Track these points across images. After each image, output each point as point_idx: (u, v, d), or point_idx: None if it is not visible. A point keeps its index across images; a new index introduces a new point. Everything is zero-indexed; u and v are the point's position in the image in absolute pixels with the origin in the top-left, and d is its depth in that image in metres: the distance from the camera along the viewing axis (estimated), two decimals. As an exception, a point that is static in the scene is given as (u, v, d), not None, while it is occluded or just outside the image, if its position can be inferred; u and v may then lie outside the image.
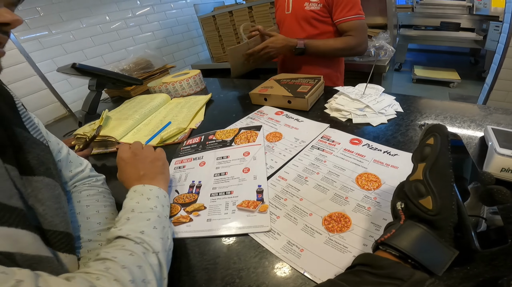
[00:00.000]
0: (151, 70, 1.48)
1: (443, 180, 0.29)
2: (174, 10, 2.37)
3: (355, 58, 1.49)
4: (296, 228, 0.44)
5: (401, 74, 3.88)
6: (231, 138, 0.71)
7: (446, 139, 0.30)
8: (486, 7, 3.11)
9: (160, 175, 0.51)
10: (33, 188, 0.36)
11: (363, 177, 0.51)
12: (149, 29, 2.17)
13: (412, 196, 0.29)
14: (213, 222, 0.48)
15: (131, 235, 0.36)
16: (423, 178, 0.29)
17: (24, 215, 0.31)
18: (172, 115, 0.96)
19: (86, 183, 0.53)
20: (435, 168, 0.29)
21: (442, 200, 0.28)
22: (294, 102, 0.81)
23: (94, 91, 1.09)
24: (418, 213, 0.28)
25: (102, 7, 1.83)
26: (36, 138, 0.41)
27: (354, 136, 0.63)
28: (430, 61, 4.41)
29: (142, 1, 2.10)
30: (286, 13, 1.13)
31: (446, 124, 0.63)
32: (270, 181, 0.55)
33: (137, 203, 0.43)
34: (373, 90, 0.77)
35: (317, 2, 1.03)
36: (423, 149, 0.31)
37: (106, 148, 0.85)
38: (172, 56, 2.40)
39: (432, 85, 3.32)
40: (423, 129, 0.33)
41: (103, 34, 1.85)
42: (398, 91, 3.17)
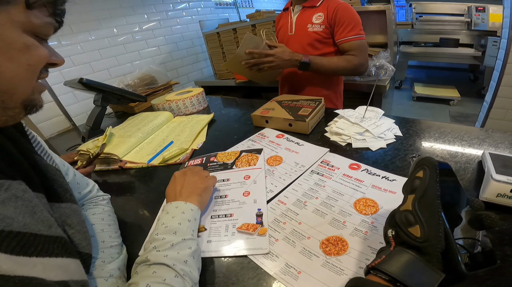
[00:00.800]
0: (155, 86, 1.54)
1: (431, 210, 0.32)
2: (180, 25, 2.47)
3: (355, 78, 1.54)
4: (294, 251, 0.46)
5: (402, 92, 3.95)
6: (232, 161, 0.74)
7: (435, 172, 0.33)
8: (484, 22, 3.21)
9: (196, 196, 0.54)
10: (61, 214, 0.39)
11: (361, 201, 0.54)
12: (155, 44, 2.27)
13: (402, 225, 0.32)
14: (213, 243, 0.50)
15: (177, 266, 0.39)
16: (412, 209, 0.32)
17: (65, 242, 0.34)
18: (175, 135, 1.00)
19: (92, 202, 0.56)
20: (423, 199, 0.32)
21: (429, 228, 0.30)
22: (295, 125, 0.85)
23: (99, 106, 1.14)
24: (407, 240, 0.31)
25: (111, 20, 1.92)
26: (51, 165, 0.44)
27: (353, 161, 0.66)
28: (430, 78, 4.51)
29: (150, 15, 2.20)
30: (289, 34, 1.19)
31: (444, 148, 0.66)
32: (269, 204, 0.58)
33: (179, 224, 0.46)
34: (373, 113, 0.81)
35: (320, 23, 1.09)
36: (413, 182, 0.34)
37: (109, 165, 0.88)
38: (176, 72, 2.48)
39: (433, 103, 3.38)
40: (414, 162, 0.37)
41: (110, 48, 1.93)
42: (398, 109, 3.19)
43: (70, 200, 0.43)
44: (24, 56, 0.30)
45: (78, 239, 0.39)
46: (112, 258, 0.47)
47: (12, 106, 0.31)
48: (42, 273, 0.28)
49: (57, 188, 0.41)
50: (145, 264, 0.39)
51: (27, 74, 0.31)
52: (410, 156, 0.66)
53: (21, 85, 0.31)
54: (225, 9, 3.11)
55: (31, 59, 0.31)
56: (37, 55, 0.31)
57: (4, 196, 0.29)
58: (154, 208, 0.64)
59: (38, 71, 0.33)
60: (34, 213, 0.32)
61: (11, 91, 0.30)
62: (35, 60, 0.31)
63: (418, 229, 0.31)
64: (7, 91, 0.30)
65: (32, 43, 0.31)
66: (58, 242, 0.33)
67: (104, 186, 0.62)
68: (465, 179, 0.56)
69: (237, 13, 3.30)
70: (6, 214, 0.28)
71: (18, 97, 0.31)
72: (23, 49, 0.30)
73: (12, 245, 0.27)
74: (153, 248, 0.41)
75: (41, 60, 0.32)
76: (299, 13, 1.16)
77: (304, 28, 1.13)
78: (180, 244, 0.43)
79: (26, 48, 0.30)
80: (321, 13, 1.09)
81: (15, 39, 0.29)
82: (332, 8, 1.06)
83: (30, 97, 0.33)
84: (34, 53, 0.31)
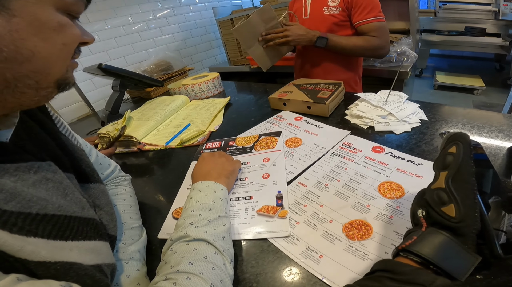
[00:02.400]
0: (171, 72, 1.55)
1: (466, 188, 0.30)
2: (193, 13, 2.46)
3: (375, 63, 1.49)
4: (315, 234, 0.46)
5: (422, 80, 3.81)
6: (251, 145, 0.74)
7: (469, 148, 0.31)
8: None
9: (224, 178, 0.55)
10: (90, 194, 0.40)
11: (386, 185, 0.52)
12: (169, 32, 2.28)
13: (434, 204, 0.31)
14: (232, 226, 0.50)
15: (217, 242, 0.39)
16: (445, 186, 0.31)
17: (97, 224, 0.35)
18: (192, 118, 1.00)
19: (115, 182, 0.58)
20: (457, 176, 0.31)
21: (465, 208, 0.29)
22: (314, 108, 0.83)
23: (117, 91, 1.16)
24: (440, 220, 0.30)
25: (126, 8, 1.94)
26: (77, 145, 0.45)
27: (376, 144, 0.64)
28: (452, 67, 4.32)
29: (163, 3, 2.20)
30: (304, 18, 1.15)
31: (473, 134, 0.63)
32: (289, 186, 0.57)
33: (213, 201, 0.47)
34: (396, 97, 0.78)
35: (336, 6, 1.05)
36: (445, 158, 0.32)
37: (128, 147, 0.90)
38: (191, 59, 2.49)
39: (455, 92, 3.25)
40: (445, 138, 0.35)
41: (125, 36, 1.96)
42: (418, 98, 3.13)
43: (98, 181, 0.44)
44: (59, 36, 0.29)
45: (106, 221, 0.40)
46: (133, 240, 0.47)
47: (45, 86, 0.31)
48: (78, 257, 0.29)
49: (85, 168, 0.42)
50: (183, 240, 0.39)
51: (62, 54, 0.31)
52: (440, 132, 0.63)
53: (56, 65, 0.31)
54: (238, -5, 3.05)
55: (66, 38, 0.30)
56: (72, 34, 0.31)
57: (34, 178, 0.30)
58: (172, 190, 0.64)
59: (72, 51, 0.32)
60: (66, 194, 0.32)
61: (46, 71, 0.30)
62: (70, 39, 0.31)
63: (453, 208, 0.29)
64: (42, 72, 0.29)
65: (67, 22, 0.30)
66: (91, 224, 0.33)
67: (123, 168, 0.64)
68: (495, 165, 0.53)
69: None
70: (39, 195, 0.28)
71: (52, 77, 0.31)
72: (58, 28, 0.29)
73: (48, 228, 0.27)
74: (190, 224, 0.41)
75: (75, 39, 0.32)
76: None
77: (320, 11, 1.09)
78: (216, 221, 0.43)
79: (60, 27, 0.29)
80: None
81: (49, 17, 0.28)
82: None
83: (64, 76, 0.32)
84: (68, 32, 0.30)
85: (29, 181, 0.29)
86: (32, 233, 0.26)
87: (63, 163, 0.37)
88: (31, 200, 0.27)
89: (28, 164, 0.30)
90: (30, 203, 0.27)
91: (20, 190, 0.27)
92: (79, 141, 0.48)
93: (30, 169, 0.30)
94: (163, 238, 0.52)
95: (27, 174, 0.29)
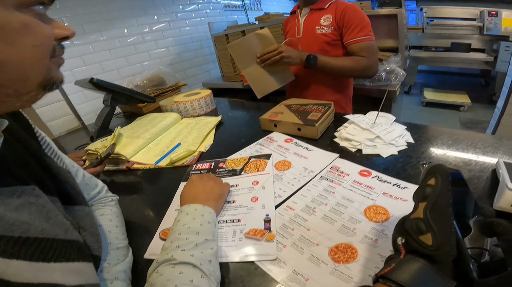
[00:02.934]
0: (164, 87, 1.57)
1: (443, 218, 0.32)
2: (189, 27, 2.52)
3: (365, 82, 1.54)
4: (302, 258, 0.46)
5: (411, 97, 3.96)
6: (241, 167, 0.75)
7: (447, 180, 0.33)
8: (496, 27, 3.21)
9: (212, 201, 0.55)
10: (74, 216, 0.40)
11: (372, 209, 0.54)
12: (164, 45, 2.31)
13: (412, 233, 0.32)
14: (220, 249, 0.51)
15: (203, 265, 0.40)
16: (423, 217, 0.32)
17: (81, 246, 0.35)
18: (182, 137, 1.01)
19: (101, 202, 0.57)
20: (435, 207, 0.32)
21: (441, 237, 0.30)
22: (304, 130, 0.85)
23: (108, 106, 1.17)
24: (418, 248, 0.31)
25: (122, 21, 1.97)
26: (62, 167, 0.44)
27: (364, 167, 0.66)
28: (440, 83, 4.50)
29: (160, 16, 2.25)
30: (297, 37, 1.19)
31: (458, 156, 0.66)
32: (278, 210, 0.58)
33: (201, 225, 0.47)
34: (384, 119, 0.81)
35: (328, 25, 1.10)
36: (424, 189, 0.34)
37: (116, 165, 0.90)
38: (185, 73, 2.52)
39: (442, 108, 3.37)
40: (424, 170, 0.37)
41: (120, 48, 1.98)
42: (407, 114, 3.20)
43: (83, 203, 0.44)
44: (26, 37, 0.27)
45: (91, 242, 0.40)
46: (118, 260, 0.47)
47: (26, 92, 0.29)
48: (61, 278, 0.29)
49: (70, 191, 0.42)
50: (169, 263, 0.39)
51: (36, 56, 0.28)
52: (420, 163, 0.65)
53: (33, 69, 0.29)
54: (234, 11, 3.15)
55: (35, 39, 0.28)
56: (40, 33, 0.28)
57: (17, 202, 0.30)
58: (160, 211, 0.64)
59: (48, 50, 0.30)
60: (49, 218, 0.32)
61: (23, 78, 0.28)
62: (40, 39, 0.28)
63: (430, 237, 0.31)
64: (18, 79, 0.27)
65: (30, 21, 0.27)
66: (75, 246, 0.33)
67: (111, 186, 0.64)
68: (478, 187, 0.55)
69: (246, 16, 3.33)
70: (22, 219, 0.28)
71: (32, 82, 0.29)
72: (22, 29, 0.26)
73: (31, 251, 0.27)
74: (177, 247, 0.41)
75: (47, 38, 0.29)
76: (307, 16, 1.17)
77: (312, 30, 1.14)
78: (203, 244, 0.44)
79: (25, 27, 0.27)
80: (329, 15, 1.10)
81: (8, 19, 0.25)
82: (340, 10, 1.07)
83: (47, 77, 0.30)
84: (36, 31, 0.28)
85: (12, 205, 0.29)
86: (14, 256, 0.26)
87: (47, 186, 0.37)
88: (14, 223, 0.27)
89: (11, 188, 0.30)
90: (13, 227, 0.27)
91: (3, 214, 0.27)
92: (65, 163, 0.48)
93: (14, 193, 0.30)
94: (149, 258, 0.52)
95: (10, 198, 0.29)
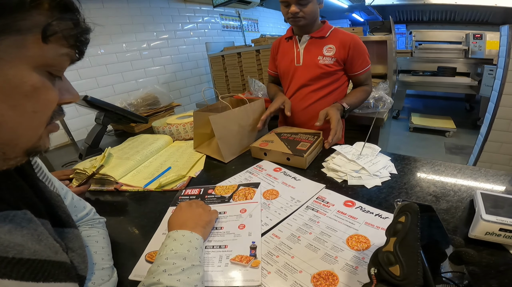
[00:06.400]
0: (157, 107, 1.62)
1: (411, 251, 0.37)
2: (186, 46, 2.61)
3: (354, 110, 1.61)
4: (285, 284, 0.50)
5: (399, 122, 4.13)
6: (229, 195, 0.79)
7: (416, 218, 0.39)
8: (481, 49, 3.41)
9: (200, 228, 0.59)
10: (63, 238, 0.43)
11: (354, 238, 0.58)
12: (161, 63, 2.39)
13: (383, 264, 0.37)
14: (206, 273, 0.54)
15: None
16: (393, 250, 0.37)
17: (69, 267, 0.38)
18: (173, 160, 1.05)
19: (88, 224, 0.61)
20: (404, 242, 0.38)
21: (408, 268, 0.35)
22: (293, 160, 0.91)
23: (100, 124, 1.20)
24: (387, 278, 0.36)
25: (122, 36, 2.04)
26: (53, 191, 0.48)
27: (348, 198, 0.71)
28: (427, 107, 4.71)
29: (159, 34, 2.34)
30: (296, 65, 1.23)
31: (437, 187, 0.72)
32: (264, 237, 0.62)
33: (188, 251, 0.51)
34: (370, 150, 0.87)
35: (331, 56, 1.15)
36: (396, 225, 0.40)
37: (103, 185, 0.92)
38: (179, 92, 2.59)
39: (429, 134, 3.54)
40: (397, 208, 0.43)
41: (117, 63, 2.04)
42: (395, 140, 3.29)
43: (72, 225, 0.47)
44: (30, 102, 0.27)
45: (77, 262, 0.43)
46: (103, 280, 0.50)
47: (13, 157, 0.29)
48: None
49: (61, 214, 0.46)
50: (155, 286, 0.42)
51: (33, 123, 0.29)
52: (395, 200, 0.71)
53: (25, 135, 0.29)
54: (232, 32, 3.30)
55: (38, 105, 0.28)
56: (46, 99, 0.28)
57: (10, 226, 0.32)
58: (146, 233, 0.67)
59: (46, 118, 0.30)
60: (40, 240, 0.35)
61: (13, 143, 0.28)
62: (42, 106, 0.28)
63: (398, 269, 0.36)
64: (8, 143, 0.27)
65: (42, 84, 0.27)
66: (63, 267, 0.36)
67: (98, 206, 0.66)
68: (456, 217, 0.61)
69: (243, 37, 3.49)
70: (16, 241, 0.31)
71: (20, 148, 0.29)
72: (30, 93, 0.26)
73: (22, 271, 0.30)
74: (163, 271, 0.44)
75: (50, 105, 0.30)
76: (307, 44, 1.19)
77: (314, 60, 1.17)
78: (190, 270, 0.47)
79: (33, 91, 0.27)
80: (332, 45, 1.15)
81: (23, 80, 0.25)
82: (346, 44, 1.13)
83: (35, 145, 0.31)
84: (42, 97, 0.28)
85: (5, 228, 0.31)
86: (6, 276, 0.28)
87: (39, 209, 0.40)
88: (8, 245, 0.30)
89: (3, 213, 0.32)
90: (7, 248, 0.30)
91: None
92: (55, 186, 0.51)
93: (6, 218, 0.32)
94: (134, 279, 0.55)
95: (2, 222, 0.31)
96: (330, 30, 1.17)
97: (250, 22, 3.69)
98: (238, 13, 3.36)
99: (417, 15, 4.15)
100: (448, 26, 3.94)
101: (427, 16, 4.11)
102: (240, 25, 3.45)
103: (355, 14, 5.64)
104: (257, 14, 3.81)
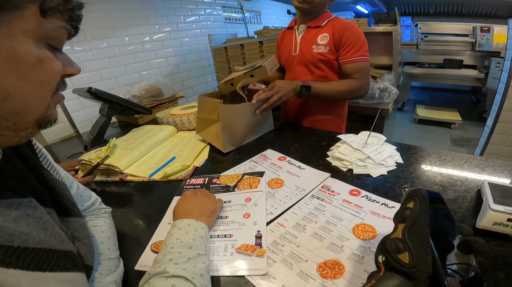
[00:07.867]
0: (161, 98, 1.61)
1: (420, 238, 0.36)
2: (189, 38, 2.59)
3: (359, 100, 1.59)
4: (291, 273, 0.50)
5: (404, 114, 4.08)
6: (234, 184, 0.78)
7: (425, 203, 0.38)
8: (488, 42, 3.38)
9: (205, 217, 0.59)
10: (69, 227, 0.43)
11: (360, 227, 0.58)
12: (164, 55, 2.37)
13: (392, 251, 0.36)
14: (211, 263, 0.54)
15: (196, 279, 0.42)
16: (402, 237, 0.36)
17: (75, 257, 0.37)
18: (177, 151, 1.05)
19: (94, 214, 0.60)
20: (413, 228, 0.37)
21: (417, 255, 0.34)
22: (256, 74, 1.00)
23: (104, 116, 1.20)
24: (396, 266, 0.35)
25: (124, 29, 2.04)
26: (58, 179, 0.47)
27: (354, 187, 0.70)
28: (432, 100, 4.65)
29: (161, 26, 2.32)
30: (293, 55, 1.22)
31: (444, 177, 0.71)
32: (269, 226, 0.62)
33: (193, 240, 0.50)
34: (375, 140, 0.85)
35: (325, 44, 1.12)
36: (404, 212, 0.39)
37: (108, 176, 0.92)
38: (182, 84, 2.57)
39: (434, 126, 3.50)
40: (405, 194, 0.41)
41: (120, 56, 2.03)
42: (400, 132, 3.27)
43: (78, 215, 0.47)
44: (37, 72, 0.28)
45: (84, 252, 0.42)
46: (110, 270, 0.50)
47: (24, 127, 0.30)
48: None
49: (66, 203, 0.45)
50: (162, 275, 0.42)
51: (41, 92, 0.30)
52: (402, 186, 0.70)
53: (34, 104, 0.30)
54: (234, 24, 3.26)
55: (45, 75, 0.29)
56: (51, 69, 0.30)
57: (15, 213, 0.32)
58: (152, 223, 0.67)
59: (52, 87, 0.31)
60: (46, 229, 0.35)
61: (23, 112, 0.29)
62: (49, 76, 0.30)
63: (407, 256, 0.35)
64: (18, 112, 0.28)
65: (46, 55, 0.29)
66: (69, 256, 0.36)
67: (104, 196, 0.66)
68: (463, 207, 0.60)
69: (246, 29, 3.45)
70: (21, 230, 0.31)
71: (31, 117, 0.30)
72: (36, 64, 0.28)
73: (28, 260, 0.30)
74: (169, 260, 0.44)
75: (55, 75, 0.31)
76: (304, 33, 1.18)
77: (309, 49, 1.16)
78: (196, 258, 0.46)
79: (39, 62, 0.28)
80: (326, 34, 1.11)
81: (27, 52, 0.27)
82: (338, 29, 1.08)
83: (45, 115, 0.32)
84: (48, 67, 0.29)
85: (10, 216, 0.31)
86: (12, 265, 0.28)
87: (44, 198, 0.39)
88: (13, 234, 0.29)
89: (9, 200, 0.32)
90: (12, 237, 0.29)
91: (3, 225, 0.29)
92: (61, 175, 0.51)
93: (11, 205, 0.32)
94: (140, 269, 0.54)
95: (8, 210, 0.31)
96: (328, 19, 1.13)
97: (253, 14, 3.63)
98: (240, 5, 3.31)
99: (423, 7, 4.09)
100: (455, 18, 3.88)
101: (433, 9, 4.05)
102: (242, 17, 3.40)
103: (360, 6, 5.54)
104: (259, 6, 3.75)
